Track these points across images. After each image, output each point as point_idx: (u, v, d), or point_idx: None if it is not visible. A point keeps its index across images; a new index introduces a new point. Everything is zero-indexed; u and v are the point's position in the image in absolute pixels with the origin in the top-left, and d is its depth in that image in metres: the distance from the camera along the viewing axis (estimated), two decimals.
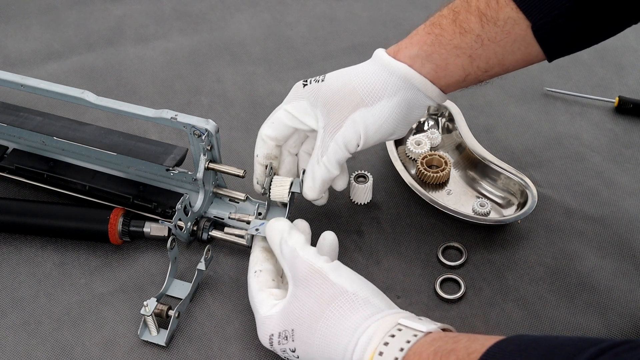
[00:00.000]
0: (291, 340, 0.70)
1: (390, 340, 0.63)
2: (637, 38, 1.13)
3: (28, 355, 0.77)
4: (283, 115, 0.81)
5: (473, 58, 0.75)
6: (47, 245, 0.86)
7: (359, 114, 0.77)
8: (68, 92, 0.83)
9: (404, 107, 0.77)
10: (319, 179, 0.80)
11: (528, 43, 0.74)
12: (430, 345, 0.61)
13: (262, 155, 0.82)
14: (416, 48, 0.76)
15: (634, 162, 0.95)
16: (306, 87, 0.80)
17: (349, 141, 0.77)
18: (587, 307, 0.80)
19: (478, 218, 0.86)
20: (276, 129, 0.81)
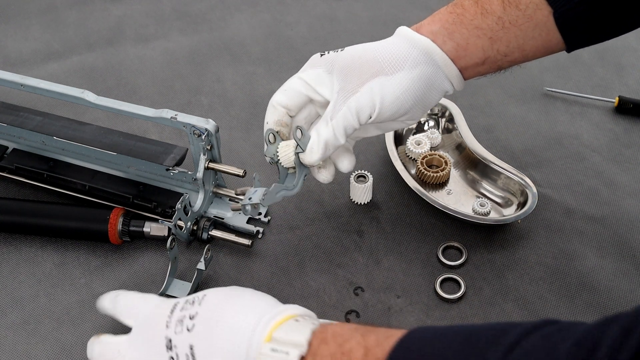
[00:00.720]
0: (197, 304, 0.65)
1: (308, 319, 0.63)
2: (637, 38, 1.13)
3: (28, 354, 0.77)
4: (297, 82, 0.78)
5: (494, 40, 0.75)
6: (47, 245, 0.86)
7: (377, 82, 0.74)
8: (68, 92, 0.83)
9: (423, 83, 0.75)
10: (323, 141, 0.75)
11: (549, 29, 0.74)
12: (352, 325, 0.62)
13: (272, 121, 0.78)
14: (438, 25, 0.75)
15: (634, 162, 0.95)
16: (323, 57, 0.78)
17: (362, 108, 0.74)
18: (587, 307, 0.80)
19: (478, 218, 0.86)
20: (289, 96, 0.78)
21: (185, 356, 0.64)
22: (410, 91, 0.75)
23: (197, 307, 0.65)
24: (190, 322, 0.64)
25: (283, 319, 0.62)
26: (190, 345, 0.64)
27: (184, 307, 0.66)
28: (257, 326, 0.62)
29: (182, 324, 0.65)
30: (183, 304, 0.67)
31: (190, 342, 0.64)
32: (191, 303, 0.66)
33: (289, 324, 0.62)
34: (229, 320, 0.63)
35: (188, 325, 0.64)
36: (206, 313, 0.65)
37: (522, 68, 1.08)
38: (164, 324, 0.66)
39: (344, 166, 0.80)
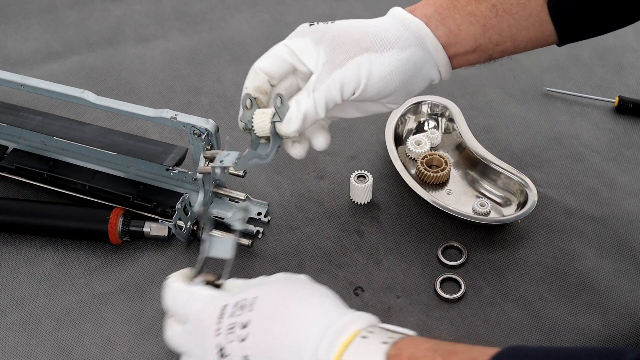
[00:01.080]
0: (248, 310, 0.60)
1: (374, 331, 0.58)
2: (637, 38, 1.13)
3: (28, 355, 0.77)
4: (282, 49, 0.75)
5: (486, 28, 0.74)
6: (47, 245, 0.86)
7: (365, 58, 0.72)
8: (68, 92, 0.83)
9: (411, 65, 0.74)
10: (303, 111, 0.71)
11: (542, 20, 0.74)
12: (426, 342, 0.57)
13: (251, 87, 0.75)
14: (432, 9, 0.74)
15: (634, 162, 0.95)
16: (312, 27, 0.75)
17: (347, 82, 0.72)
18: (587, 307, 0.80)
19: (478, 218, 0.86)
20: (272, 63, 0.75)
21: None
22: (398, 72, 0.73)
23: (248, 313, 0.60)
24: (243, 331, 0.60)
25: (349, 338, 0.57)
26: (244, 355, 0.60)
27: (233, 312, 0.61)
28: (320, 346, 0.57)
29: (233, 332, 0.60)
30: (232, 308, 0.61)
31: (245, 353, 0.60)
32: (241, 308, 0.61)
33: (358, 345, 0.56)
34: (287, 337, 0.58)
35: (241, 334, 0.60)
36: (260, 322, 0.60)
37: (522, 68, 1.08)
38: (214, 331, 0.61)
39: (319, 143, 0.77)
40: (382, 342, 0.56)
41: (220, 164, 0.74)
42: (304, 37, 0.75)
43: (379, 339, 0.57)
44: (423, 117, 0.98)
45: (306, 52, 0.74)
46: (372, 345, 0.56)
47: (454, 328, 0.78)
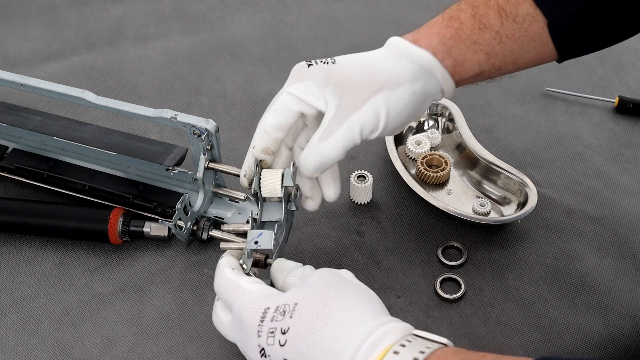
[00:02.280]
0: (289, 316, 0.63)
1: (407, 344, 0.59)
2: (637, 38, 1.13)
3: (28, 355, 0.77)
4: (287, 99, 0.74)
5: (490, 55, 0.74)
6: (47, 245, 0.86)
7: (382, 97, 0.72)
8: (68, 92, 0.83)
9: (422, 96, 0.74)
10: (321, 155, 0.72)
11: (543, 42, 0.74)
12: (454, 355, 0.58)
13: (259, 148, 0.74)
14: (437, 39, 0.74)
15: (634, 162, 0.95)
16: (312, 68, 0.74)
17: (366, 125, 0.72)
18: (587, 307, 0.80)
19: (478, 218, 0.86)
20: (281, 116, 0.73)
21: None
22: (411, 105, 0.74)
23: (288, 320, 0.63)
24: (283, 337, 0.62)
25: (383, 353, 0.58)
26: (284, 358, 0.63)
27: (274, 317, 0.64)
28: None
29: (274, 336, 0.63)
30: (273, 312, 0.64)
31: (284, 357, 0.62)
32: (282, 314, 0.63)
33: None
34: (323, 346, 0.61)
35: (280, 340, 0.62)
36: (299, 330, 0.62)
37: None
38: (256, 332, 0.64)
39: (329, 194, 0.79)
40: (413, 359, 0.57)
41: (256, 245, 0.72)
42: (306, 81, 0.74)
43: (411, 354, 0.58)
44: (423, 117, 0.98)
45: (312, 95, 0.73)
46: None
47: (454, 328, 0.78)
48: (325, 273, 0.67)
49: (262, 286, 0.68)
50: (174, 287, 0.82)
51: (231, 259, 0.72)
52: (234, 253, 0.73)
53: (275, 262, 0.73)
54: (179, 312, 0.80)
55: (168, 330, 0.78)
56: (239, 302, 0.67)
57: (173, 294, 0.82)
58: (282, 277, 0.71)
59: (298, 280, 0.69)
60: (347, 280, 0.66)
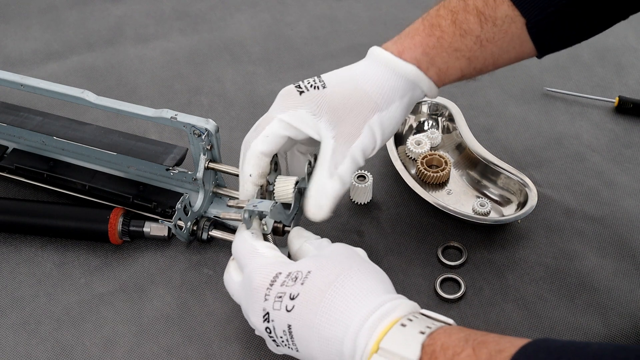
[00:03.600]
0: (300, 282, 0.64)
1: (413, 319, 0.60)
2: (637, 38, 1.13)
3: (28, 355, 0.77)
4: (278, 126, 0.73)
5: (471, 60, 0.76)
6: (47, 245, 0.86)
7: (375, 119, 0.73)
8: (68, 92, 0.83)
9: (409, 106, 0.77)
10: (332, 195, 0.73)
11: (522, 41, 0.75)
12: (460, 331, 0.59)
13: (256, 175, 0.74)
14: (420, 50, 0.75)
15: (634, 162, 0.95)
16: (304, 95, 0.74)
17: (367, 148, 0.73)
18: (587, 307, 0.80)
19: (478, 218, 0.86)
20: (272, 143, 0.73)
21: (282, 332, 0.64)
22: (401, 118, 0.76)
23: (299, 286, 0.64)
24: (291, 302, 0.63)
25: (390, 325, 0.60)
26: (288, 324, 0.64)
27: (285, 282, 0.65)
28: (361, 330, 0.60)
29: (281, 301, 0.64)
30: (285, 277, 0.65)
31: (289, 322, 0.63)
32: (293, 279, 0.64)
33: (396, 332, 0.59)
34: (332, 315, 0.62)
35: (288, 305, 0.63)
36: (309, 296, 0.63)
37: (522, 68, 1.08)
38: (263, 295, 0.65)
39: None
40: (419, 332, 0.59)
41: (255, 207, 0.73)
42: (299, 109, 0.73)
43: (417, 328, 0.59)
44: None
45: (305, 123, 0.73)
46: (410, 334, 0.59)
47: None
48: (341, 247, 0.69)
49: (278, 253, 0.70)
50: (174, 287, 0.82)
51: (253, 224, 0.73)
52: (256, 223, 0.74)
53: (294, 230, 0.74)
54: (179, 312, 0.80)
55: (168, 330, 0.78)
56: (252, 264, 0.68)
57: (173, 294, 0.82)
58: (299, 243, 0.73)
59: (314, 249, 0.71)
60: (361, 257, 0.68)
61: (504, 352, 0.55)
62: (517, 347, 0.55)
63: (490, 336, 0.58)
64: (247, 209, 0.73)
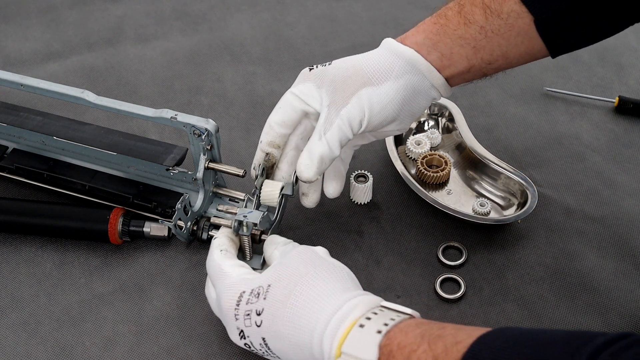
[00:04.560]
0: (262, 298, 0.67)
1: (372, 317, 0.62)
2: (637, 38, 1.13)
3: (28, 355, 0.77)
4: (289, 97, 0.80)
5: (477, 49, 0.76)
6: (47, 245, 0.86)
7: (365, 92, 0.76)
8: (68, 92, 0.83)
9: (408, 91, 0.77)
10: (318, 155, 0.76)
11: (531, 37, 0.75)
12: (416, 327, 0.61)
13: (265, 141, 0.80)
14: (422, 36, 0.77)
15: (634, 162, 0.95)
16: (312, 71, 0.80)
17: (354, 118, 0.76)
18: (587, 307, 0.80)
19: (478, 218, 0.86)
20: (284, 113, 0.79)
21: (259, 345, 0.68)
22: (397, 100, 0.77)
23: (262, 302, 0.67)
24: (258, 318, 0.67)
25: (349, 327, 0.62)
26: (262, 338, 0.67)
27: (249, 299, 0.68)
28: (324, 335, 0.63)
29: (250, 318, 0.67)
30: (248, 295, 0.68)
31: (262, 336, 0.67)
32: (256, 296, 0.67)
33: (355, 334, 0.61)
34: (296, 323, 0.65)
35: (257, 321, 0.67)
36: (272, 310, 0.66)
37: (522, 68, 1.08)
38: (233, 316, 0.69)
39: (331, 190, 0.84)
40: (376, 331, 0.61)
41: (245, 218, 0.77)
42: (307, 83, 0.79)
43: (375, 327, 0.61)
44: (423, 117, 0.98)
45: (310, 96, 0.79)
46: (367, 335, 0.61)
47: None
48: (300, 251, 0.71)
49: (242, 270, 0.72)
50: (174, 287, 0.82)
51: (223, 240, 0.77)
52: (227, 232, 0.78)
53: (268, 238, 0.78)
54: (179, 312, 0.80)
55: (168, 330, 0.78)
56: (219, 285, 0.72)
57: (173, 294, 0.82)
58: (270, 250, 0.76)
59: (279, 257, 0.73)
60: (319, 257, 0.70)
61: (461, 344, 0.57)
62: (474, 338, 0.56)
63: (448, 329, 0.59)
64: (237, 219, 0.77)
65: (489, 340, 0.56)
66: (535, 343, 0.54)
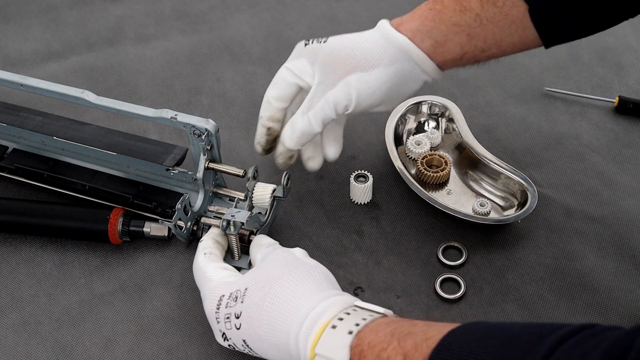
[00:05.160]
0: (240, 301, 0.68)
1: (345, 317, 0.63)
2: (637, 38, 1.13)
3: (28, 355, 0.77)
4: (284, 72, 0.82)
5: (471, 36, 0.77)
6: (47, 245, 0.86)
7: (354, 77, 0.78)
8: (68, 92, 0.83)
9: (398, 78, 0.78)
10: (299, 129, 0.80)
11: (525, 26, 0.76)
12: (387, 326, 0.61)
13: (265, 117, 0.83)
14: (417, 22, 0.78)
15: (634, 162, 0.95)
16: (307, 47, 0.81)
17: (339, 102, 0.78)
18: (587, 307, 0.80)
19: (478, 218, 0.86)
20: (279, 88, 0.82)
21: (241, 346, 0.70)
22: (385, 86, 0.79)
23: (240, 305, 0.68)
24: (237, 321, 0.68)
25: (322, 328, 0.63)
26: (243, 339, 0.69)
27: (228, 303, 0.70)
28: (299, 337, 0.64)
29: (230, 321, 0.69)
30: (227, 299, 0.70)
31: (243, 338, 0.69)
32: (234, 299, 0.69)
33: (328, 336, 0.62)
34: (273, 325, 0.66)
35: (236, 323, 0.68)
36: (249, 313, 0.68)
37: (522, 68, 1.09)
38: (214, 319, 0.71)
39: (330, 153, 0.86)
40: (348, 332, 0.62)
41: (232, 217, 0.78)
42: (301, 58, 0.82)
43: (347, 328, 0.62)
44: (423, 117, 0.98)
45: (304, 71, 0.81)
46: (339, 336, 0.62)
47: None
48: (277, 254, 0.72)
49: (224, 273, 0.73)
50: (174, 287, 0.82)
51: (208, 242, 0.78)
52: (213, 235, 0.79)
53: (256, 238, 0.79)
54: (179, 312, 0.80)
55: (168, 330, 0.78)
56: (202, 289, 0.74)
57: (173, 294, 0.82)
58: (255, 251, 0.77)
59: (260, 259, 0.74)
60: (295, 259, 0.71)
61: (431, 339, 0.57)
62: (444, 334, 0.57)
63: (419, 326, 0.60)
64: (225, 218, 0.78)
65: (458, 334, 0.57)
66: (503, 335, 0.55)
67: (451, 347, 0.56)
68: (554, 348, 0.51)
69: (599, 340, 0.50)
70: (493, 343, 0.54)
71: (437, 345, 0.56)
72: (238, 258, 0.81)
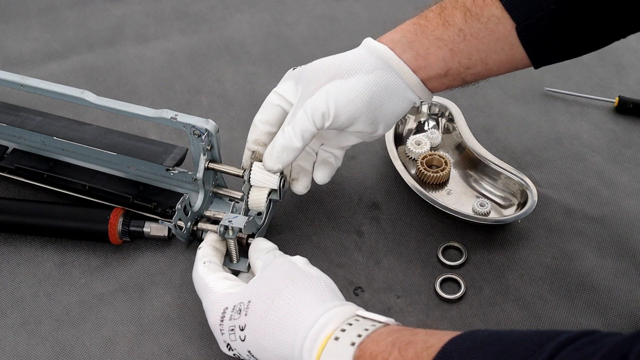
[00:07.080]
0: (244, 314, 0.69)
1: (347, 328, 0.63)
2: (637, 38, 1.12)
3: (28, 355, 0.77)
4: (271, 96, 0.82)
5: (454, 52, 0.75)
6: (47, 245, 0.86)
7: (332, 85, 0.76)
8: (68, 92, 0.83)
9: (379, 88, 0.76)
10: (278, 145, 0.77)
11: (512, 44, 0.74)
12: (388, 335, 0.61)
13: (251, 140, 0.81)
14: (399, 34, 0.77)
15: (634, 162, 0.95)
16: (294, 70, 0.81)
17: (316, 110, 0.75)
18: (587, 307, 0.80)
19: (478, 218, 0.86)
20: (266, 112, 0.81)
21: (247, 356, 0.70)
22: (365, 95, 0.76)
23: (244, 318, 0.69)
24: (242, 333, 0.69)
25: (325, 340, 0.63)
26: (248, 350, 0.69)
27: (232, 315, 0.70)
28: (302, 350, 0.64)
29: (234, 333, 0.70)
30: (231, 311, 0.70)
31: (248, 349, 0.69)
32: (238, 312, 0.69)
33: (331, 348, 0.62)
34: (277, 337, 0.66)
35: (240, 336, 0.69)
36: (253, 326, 0.68)
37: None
38: (218, 331, 0.71)
39: (318, 178, 0.84)
40: (350, 344, 0.62)
41: (230, 223, 0.78)
42: (288, 81, 0.81)
43: (349, 339, 0.62)
44: (423, 117, 0.98)
45: (289, 92, 0.81)
46: (342, 348, 0.62)
47: (454, 328, 0.78)
48: (278, 264, 0.72)
49: (226, 284, 0.73)
50: (174, 287, 0.82)
51: (207, 250, 0.78)
52: (211, 241, 0.79)
53: (254, 242, 0.79)
54: (179, 312, 0.80)
55: (168, 330, 0.78)
56: (204, 300, 0.74)
57: (173, 294, 0.82)
58: (254, 256, 0.77)
59: (261, 266, 0.74)
60: (297, 269, 0.71)
61: (432, 348, 0.58)
62: (444, 342, 0.57)
63: (419, 335, 0.60)
64: (223, 224, 0.78)
65: (458, 342, 0.57)
66: (503, 342, 0.55)
67: (452, 355, 0.56)
68: (553, 355, 0.51)
69: (598, 346, 0.51)
70: (492, 350, 0.55)
71: (438, 353, 0.57)
72: (237, 261, 0.81)
